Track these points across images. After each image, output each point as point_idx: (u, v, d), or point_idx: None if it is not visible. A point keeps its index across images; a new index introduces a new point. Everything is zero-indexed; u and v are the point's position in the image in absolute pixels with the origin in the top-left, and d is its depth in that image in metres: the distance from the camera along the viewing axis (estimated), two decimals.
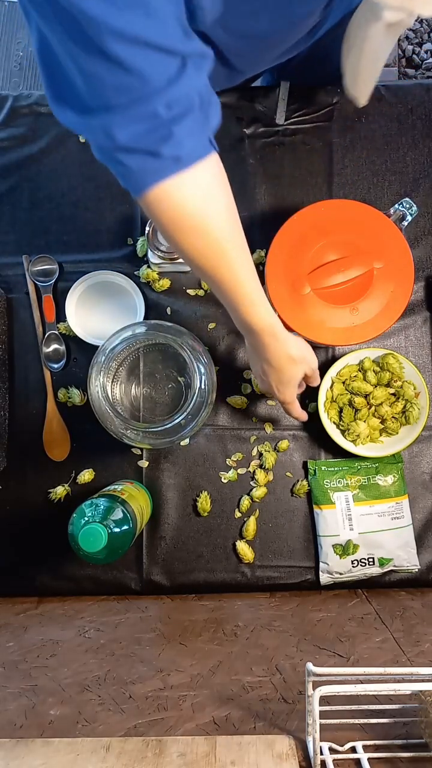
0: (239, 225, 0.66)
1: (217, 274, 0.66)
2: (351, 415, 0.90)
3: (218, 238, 0.63)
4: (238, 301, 0.69)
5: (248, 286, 0.68)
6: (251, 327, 0.71)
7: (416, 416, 0.90)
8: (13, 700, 0.66)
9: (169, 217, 0.61)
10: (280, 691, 0.65)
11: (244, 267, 0.67)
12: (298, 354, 0.75)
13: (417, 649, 0.74)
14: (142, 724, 0.60)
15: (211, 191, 0.62)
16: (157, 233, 0.87)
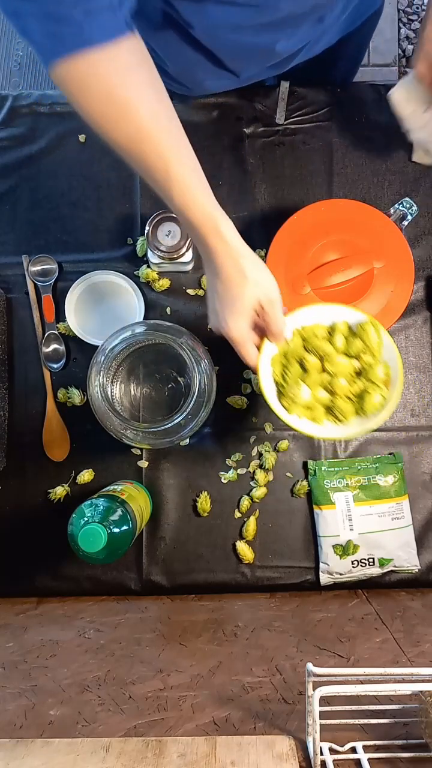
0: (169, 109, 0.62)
1: (145, 161, 0.61)
2: (296, 376, 0.73)
3: (142, 118, 0.59)
4: (172, 189, 0.62)
5: (181, 171, 0.62)
6: (191, 222, 0.64)
7: (375, 407, 0.72)
8: (13, 700, 0.66)
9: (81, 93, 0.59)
10: (280, 692, 0.65)
11: (174, 150, 0.61)
12: (251, 270, 0.65)
13: (417, 650, 0.74)
14: (142, 725, 0.60)
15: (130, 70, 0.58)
16: (157, 233, 0.87)
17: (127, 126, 0.60)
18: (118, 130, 0.60)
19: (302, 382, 0.73)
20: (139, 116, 0.59)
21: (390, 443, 0.95)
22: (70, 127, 0.97)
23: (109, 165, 0.97)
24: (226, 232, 0.64)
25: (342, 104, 0.97)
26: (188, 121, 0.96)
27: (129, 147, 0.61)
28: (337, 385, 0.73)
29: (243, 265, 0.65)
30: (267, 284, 0.67)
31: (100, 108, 0.59)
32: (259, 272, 0.66)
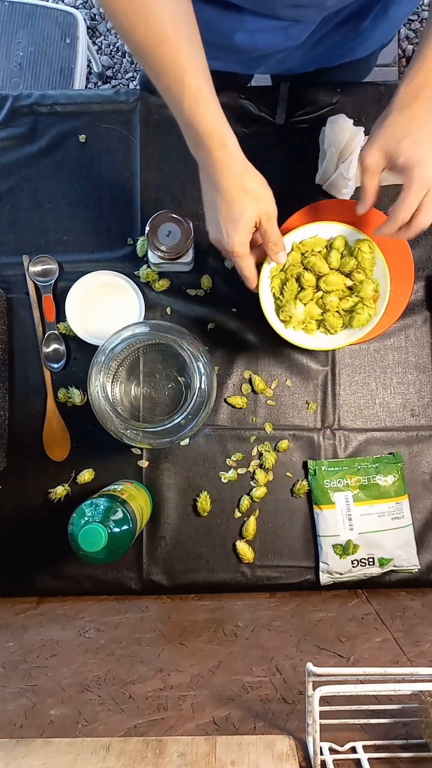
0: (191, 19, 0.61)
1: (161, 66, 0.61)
2: (293, 292, 0.79)
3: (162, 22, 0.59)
4: (184, 97, 0.62)
5: (195, 82, 0.61)
6: (199, 132, 0.64)
7: (362, 321, 0.79)
8: (13, 700, 0.66)
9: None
10: (280, 691, 0.65)
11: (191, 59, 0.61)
12: (252, 184, 0.67)
13: (417, 650, 0.74)
14: (142, 724, 0.60)
15: None
16: (157, 233, 0.87)
17: (147, 29, 0.60)
18: (138, 32, 0.60)
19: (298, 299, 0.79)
20: (160, 20, 0.59)
21: (390, 443, 0.95)
22: (70, 127, 0.97)
23: (109, 165, 0.97)
24: (231, 145, 0.65)
25: (342, 104, 0.97)
26: None
27: (147, 50, 0.61)
28: (329, 301, 0.79)
29: (245, 180, 0.66)
30: (266, 199, 0.68)
31: (123, 6, 0.59)
32: (259, 187, 0.67)
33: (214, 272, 0.96)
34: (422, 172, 0.64)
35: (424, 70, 0.63)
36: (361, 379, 0.96)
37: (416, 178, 0.64)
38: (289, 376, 0.96)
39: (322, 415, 0.95)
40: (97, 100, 0.98)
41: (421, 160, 0.63)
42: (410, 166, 0.64)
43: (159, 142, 0.97)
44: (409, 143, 0.64)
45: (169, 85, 0.62)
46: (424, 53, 0.63)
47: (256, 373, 0.95)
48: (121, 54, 1.93)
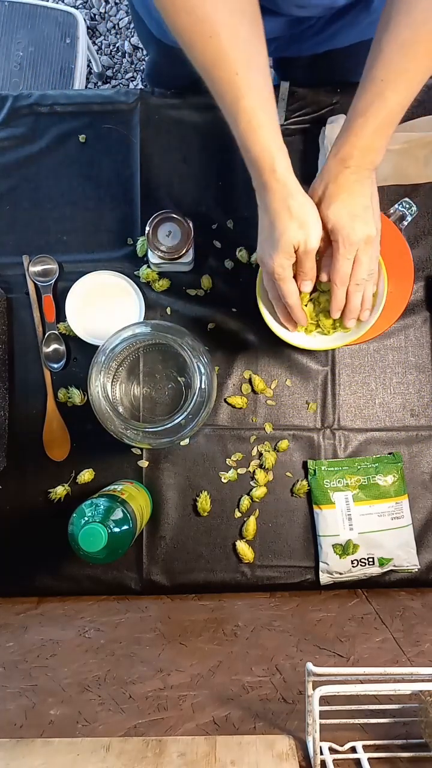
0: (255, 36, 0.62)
1: (218, 86, 0.62)
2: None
3: (221, 42, 0.60)
4: (239, 119, 0.63)
5: (251, 105, 0.62)
6: (250, 155, 0.65)
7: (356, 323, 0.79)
8: (13, 700, 0.66)
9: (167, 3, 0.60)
10: (280, 691, 0.65)
11: (248, 81, 0.61)
12: (298, 209, 0.66)
13: (417, 649, 0.74)
14: (142, 724, 0.60)
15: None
16: (157, 233, 0.87)
17: (204, 47, 0.61)
18: (198, 49, 0.61)
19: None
20: (219, 39, 0.60)
21: (390, 443, 0.95)
22: (70, 127, 0.97)
23: (109, 165, 0.97)
24: (280, 170, 0.65)
25: (342, 104, 0.97)
26: (188, 121, 0.97)
27: (205, 68, 0.62)
28: (324, 300, 0.78)
29: (290, 206, 0.66)
30: (309, 229, 0.68)
31: (182, 21, 0.60)
32: (305, 215, 0.67)
33: (214, 272, 0.96)
34: (348, 235, 0.67)
35: (350, 143, 0.66)
36: (361, 379, 0.96)
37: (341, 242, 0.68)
38: (289, 376, 0.96)
39: (322, 415, 0.95)
40: (97, 100, 0.98)
41: (346, 224, 0.67)
42: (337, 230, 0.67)
43: (159, 142, 0.97)
44: (335, 209, 0.67)
45: (224, 105, 0.63)
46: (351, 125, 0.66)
47: (256, 373, 0.95)
48: (121, 54, 1.93)
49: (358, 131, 0.66)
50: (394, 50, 0.63)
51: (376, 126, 0.65)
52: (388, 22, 0.63)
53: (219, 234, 0.96)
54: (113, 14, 1.94)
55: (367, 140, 0.66)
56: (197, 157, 0.96)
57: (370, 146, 0.66)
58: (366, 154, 0.66)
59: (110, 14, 1.94)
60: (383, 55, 0.64)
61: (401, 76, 0.64)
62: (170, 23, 0.61)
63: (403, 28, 0.62)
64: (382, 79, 0.64)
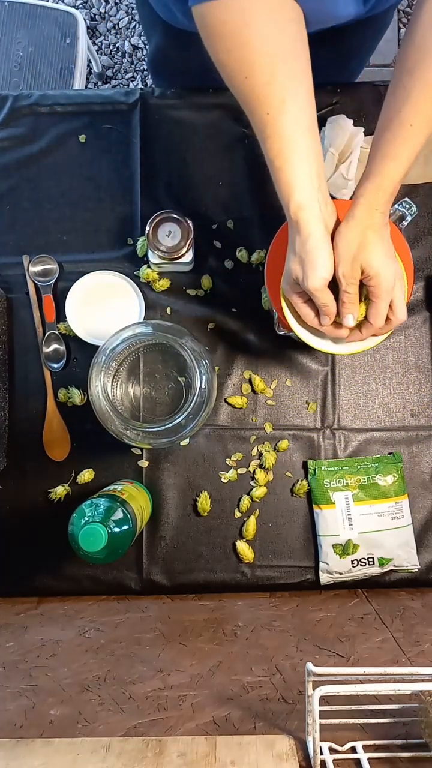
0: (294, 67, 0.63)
1: (249, 114, 0.64)
2: None
3: (254, 75, 0.61)
4: (265, 153, 0.65)
5: (275, 141, 0.63)
6: (277, 187, 0.66)
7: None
8: (13, 700, 0.66)
9: (210, 36, 0.62)
10: (280, 691, 0.65)
11: (278, 117, 0.62)
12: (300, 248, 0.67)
13: (417, 649, 0.74)
14: (142, 724, 0.60)
15: (257, 22, 0.60)
16: (157, 233, 0.87)
17: (240, 85, 0.63)
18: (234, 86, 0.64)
19: None
20: (253, 80, 0.61)
21: (390, 443, 0.95)
22: (70, 127, 0.97)
23: (109, 165, 0.97)
24: (294, 210, 0.66)
25: (342, 104, 0.97)
26: (188, 121, 0.97)
27: (241, 101, 0.64)
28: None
29: (295, 242, 0.68)
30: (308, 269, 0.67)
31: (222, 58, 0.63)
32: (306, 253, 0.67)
33: (214, 272, 0.96)
34: (387, 279, 0.67)
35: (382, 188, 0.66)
36: (361, 379, 0.96)
37: (384, 288, 0.68)
38: (289, 376, 0.96)
39: (322, 415, 0.95)
40: (97, 100, 0.98)
41: (386, 273, 0.67)
42: (374, 275, 0.67)
43: (159, 142, 0.97)
44: (377, 258, 0.67)
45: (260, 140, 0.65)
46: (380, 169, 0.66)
47: (256, 373, 0.95)
48: (121, 54, 1.93)
49: (388, 176, 0.66)
50: (422, 94, 0.64)
51: (402, 173, 0.66)
52: (415, 64, 0.64)
53: (219, 234, 0.96)
54: (113, 14, 1.94)
55: (394, 187, 0.66)
56: (197, 157, 0.96)
57: (395, 192, 0.67)
58: (391, 200, 0.67)
59: (110, 14, 1.94)
60: (411, 99, 0.64)
61: (429, 120, 0.64)
62: (213, 57, 0.63)
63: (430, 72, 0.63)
64: (411, 124, 0.64)
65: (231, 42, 0.61)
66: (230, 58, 0.62)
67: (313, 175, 0.65)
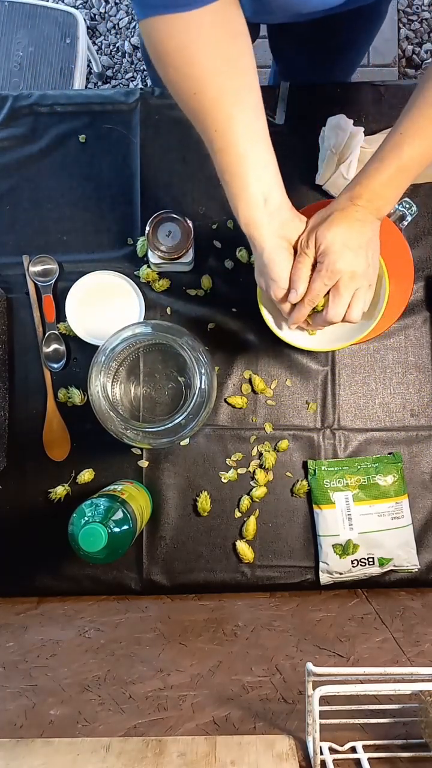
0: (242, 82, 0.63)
1: (199, 130, 0.65)
2: None
3: (202, 91, 0.62)
4: (221, 168, 0.66)
5: (225, 155, 0.65)
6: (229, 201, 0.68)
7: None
8: (13, 700, 0.66)
9: (157, 52, 0.62)
10: (280, 691, 0.65)
11: (226, 133, 0.64)
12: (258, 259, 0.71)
13: (417, 649, 0.74)
14: (142, 724, 0.60)
15: (202, 38, 0.60)
16: (157, 233, 0.87)
17: (188, 101, 0.63)
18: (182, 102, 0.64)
19: None
20: (202, 96, 0.62)
21: (390, 443, 0.95)
22: (70, 127, 0.97)
23: (109, 165, 0.97)
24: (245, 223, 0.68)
25: (342, 104, 0.97)
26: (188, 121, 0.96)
27: (190, 118, 0.65)
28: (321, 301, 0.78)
29: (256, 255, 0.71)
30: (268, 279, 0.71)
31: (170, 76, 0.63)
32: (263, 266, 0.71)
33: (214, 272, 0.96)
34: (334, 261, 0.68)
35: (362, 184, 0.68)
36: (361, 379, 0.96)
37: (324, 265, 0.69)
38: (289, 376, 0.96)
39: (322, 415, 0.95)
40: (97, 100, 0.98)
41: (336, 251, 0.68)
42: (325, 253, 0.69)
43: (159, 142, 0.97)
44: (331, 233, 0.69)
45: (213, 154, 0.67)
46: (367, 168, 0.68)
47: (256, 373, 0.95)
48: (121, 54, 1.93)
49: (371, 175, 0.68)
50: (417, 106, 0.66)
51: (388, 174, 0.67)
52: (423, 84, 0.65)
53: (219, 234, 0.96)
54: (113, 14, 1.94)
55: (377, 186, 0.68)
56: (197, 157, 0.96)
57: (380, 193, 0.68)
58: (374, 200, 0.68)
59: (110, 14, 1.94)
60: (409, 109, 0.66)
61: (418, 132, 0.66)
62: (161, 75, 0.64)
63: (430, 91, 0.65)
64: (401, 132, 0.66)
65: (178, 58, 0.62)
66: (178, 75, 0.63)
67: (264, 188, 0.67)
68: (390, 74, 1.89)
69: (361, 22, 0.98)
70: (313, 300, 0.71)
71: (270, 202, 0.68)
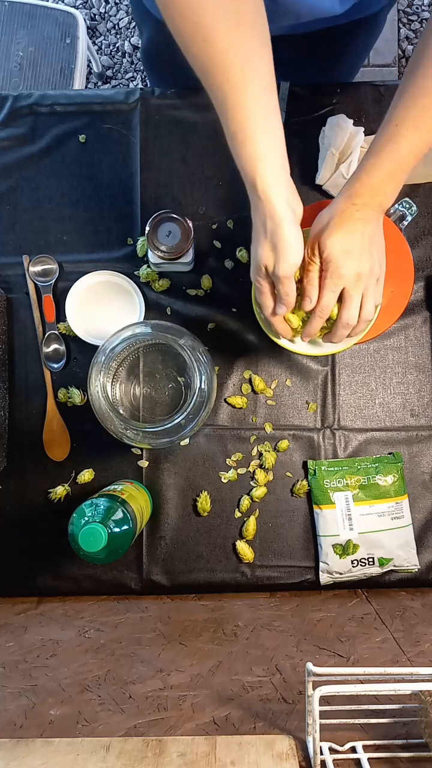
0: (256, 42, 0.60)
1: (209, 85, 0.61)
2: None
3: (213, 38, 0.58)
4: (226, 124, 0.62)
5: (239, 110, 0.61)
6: (237, 161, 0.64)
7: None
8: (13, 700, 0.66)
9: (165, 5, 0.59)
10: (280, 691, 0.65)
11: (239, 85, 0.60)
12: (274, 231, 0.65)
13: (417, 649, 0.74)
14: (142, 724, 0.60)
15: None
16: (157, 233, 0.87)
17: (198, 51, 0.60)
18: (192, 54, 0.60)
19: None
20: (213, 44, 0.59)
21: (390, 443, 0.95)
22: (70, 127, 0.97)
23: (109, 165, 0.97)
24: (262, 187, 0.64)
25: (342, 104, 0.97)
26: (188, 121, 0.97)
27: (200, 73, 0.61)
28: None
29: (267, 226, 0.66)
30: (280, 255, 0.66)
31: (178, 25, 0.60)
32: (279, 239, 0.66)
33: (214, 272, 0.96)
34: (338, 268, 0.68)
35: (360, 181, 0.67)
36: (361, 379, 0.96)
37: (329, 273, 0.68)
38: (289, 376, 0.96)
39: (322, 415, 0.95)
40: (97, 100, 0.98)
41: (338, 257, 0.68)
42: (328, 261, 0.68)
43: (159, 142, 0.97)
44: (332, 241, 0.68)
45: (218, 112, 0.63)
46: (364, 164, 0.67)
47: (256, 373, 0.95)
48: (121, 54, 1.93)
49: (369, 171, 0.67)
50: (410, 98, 0.64)
51: (386, 168, 0.66)
52: (414, 70, 0.64)
53: (219, 234, 0.96)
54: (113, 14, 1.94)
55: (376, 181, 0.66)
56: (197, 157, 0.96)
57: (379, 188, 0.67)
58: (374, 195, 0.67)
59: (110, 14, 1.94)
60: (401, 100, 0.65)
61: (414, 124, 0.65)
62: (170, 26, 0.61)
63: (422, 79, 0.63)
64: (396, 124, 0.65)
65: (185, 7, 0.58)
66: (186, 24, 0.59)
67: (278, 151, 0.64)
68: (390, 74, 1.89)
69: (360, 31, 0.98)
70: (324, 311, 0.70)
71: (285, 168, 0.65)
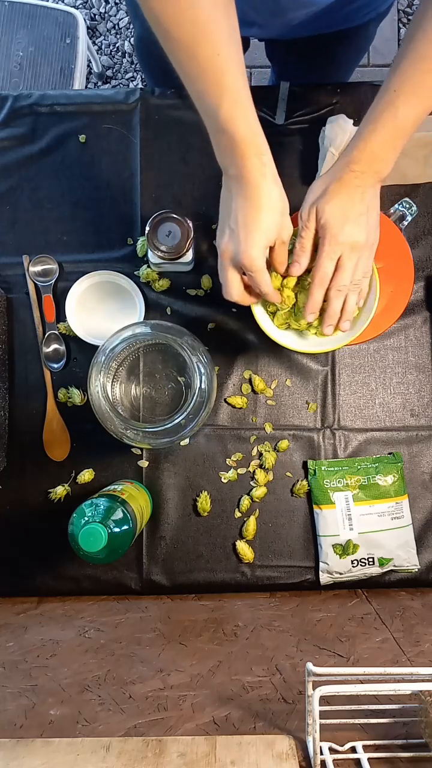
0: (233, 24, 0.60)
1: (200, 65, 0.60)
2: (277, 281, 0.76)
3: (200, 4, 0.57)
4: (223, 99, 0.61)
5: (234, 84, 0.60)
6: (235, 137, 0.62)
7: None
8: (13, 700, 0.66)
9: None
10: (280, 691, 0.65)
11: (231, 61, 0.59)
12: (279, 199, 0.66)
13: (417, 649, 0.74)
14: (142, 724, 0.60)
15: None
16: (157, 233, 0.87)
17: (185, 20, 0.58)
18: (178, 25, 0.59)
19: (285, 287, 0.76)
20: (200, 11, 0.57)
21: (390, 443, 0.95)
22: (70, 127, 0.97)
23: (109, 165, 0.97)
24: (266, 155, 0.65)
25: (342, 104, 0.97)
26: (188, 121, 0.97)
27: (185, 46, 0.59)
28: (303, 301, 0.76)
29: (274, 193, 0.66)
30: (287, 220, 0.69)
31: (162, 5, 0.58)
32: (284, 206, 0.68)
33: (214, 272, 0.95)
34: (336, 235, 0.68)
35: (358, 148, 0.67)
36: (361, 379, 0.96)
37: (328, 240, 0.69)
38: (289, 376, 0.96)
39: (322, 415, 0.95)
40: (97, 100, 0.98)
41: (336, 223, 0.68)
42: (326, 227, 0.69)
43: (159, 142, 0.97)
44: (331, 207, 0.68)
45: (205, 86, 0.61)
46: (361, 131, 0.67)
47: (256, 373, 0.95)
48: (121, 54, 1.93)
49: (367, 137, 0.66)
50: (409, 63, 0.64)
51: (385, 135, 0.66)
52: (412, 36, 0.64)
53: None
54: (113, 14, 1.94)
55: (375, 148, 0.66)
56: (197, 157, 0.96)
57: (378, 155, 0.67)
58: (372, 162, 0.67)
59: (110, 14, 1.94)
60: (400, 66, 0.64)
61: (413, 89, 0.64)
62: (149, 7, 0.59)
63: (421, 43, 0.63)
64: (395, 89, 0.65)
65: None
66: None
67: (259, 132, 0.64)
68: None
69: (347, 42, 0.99)
70: (324, 279, 0.70)
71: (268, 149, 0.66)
